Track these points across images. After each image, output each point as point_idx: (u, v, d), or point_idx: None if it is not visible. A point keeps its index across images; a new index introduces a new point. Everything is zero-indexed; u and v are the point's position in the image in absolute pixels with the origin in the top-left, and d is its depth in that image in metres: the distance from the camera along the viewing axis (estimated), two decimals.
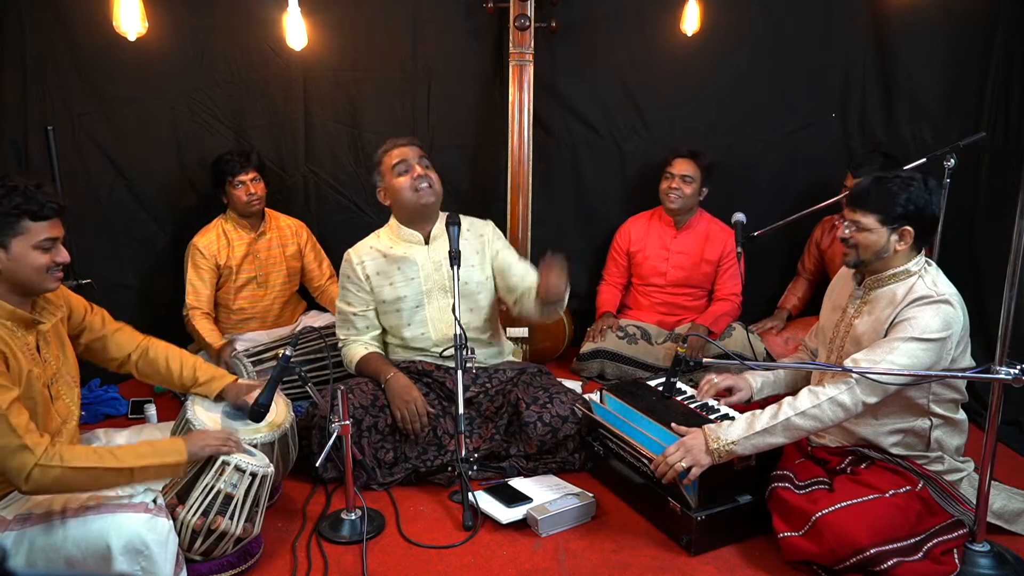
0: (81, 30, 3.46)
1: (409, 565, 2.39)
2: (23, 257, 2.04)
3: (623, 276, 3.96)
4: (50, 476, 1.96)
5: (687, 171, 3.66)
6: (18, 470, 1.94)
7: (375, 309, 3.01)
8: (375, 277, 2.96)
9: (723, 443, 2.33)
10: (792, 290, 3.92)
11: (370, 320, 3.01)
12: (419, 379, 2.97)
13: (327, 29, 3.66)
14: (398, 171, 2.92)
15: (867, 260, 2.40)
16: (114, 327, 2.47)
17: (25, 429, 1.95)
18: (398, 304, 2.96)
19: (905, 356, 2.25)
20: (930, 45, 3.72)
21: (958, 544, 2.29)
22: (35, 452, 1.94)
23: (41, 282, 2.09)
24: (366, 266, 2.97)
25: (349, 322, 3.02)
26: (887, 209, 2.33)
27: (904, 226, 2.33)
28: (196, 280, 3.48)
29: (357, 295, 2.99)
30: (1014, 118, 3.52)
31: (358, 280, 2.97)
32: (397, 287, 2.95)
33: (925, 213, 2.32)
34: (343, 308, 3.03)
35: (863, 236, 2.37)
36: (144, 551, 1.99)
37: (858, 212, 2.38)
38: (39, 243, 2.05)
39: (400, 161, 2.92)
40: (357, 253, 3.01)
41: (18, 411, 1.96)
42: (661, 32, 3.82)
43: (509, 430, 2.89)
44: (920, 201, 2.32)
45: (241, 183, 3.43)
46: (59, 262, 2.10)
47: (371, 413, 2.79)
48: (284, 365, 2.45)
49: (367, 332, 3.03)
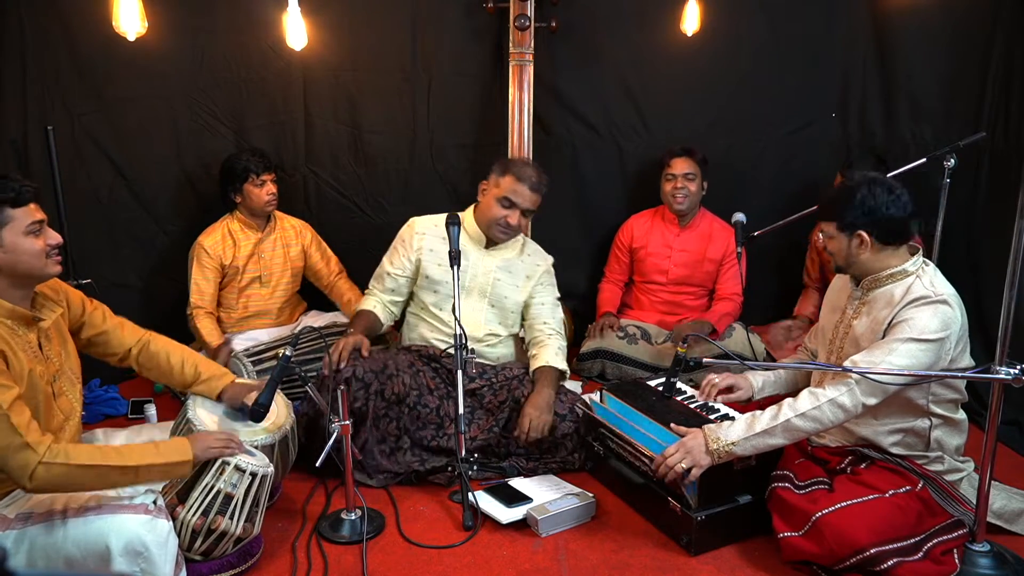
0: (81, 30, 3.46)
1: (409, 565, 2.39)
2: (17, 245, 2.04)
3: (624, 274, 3.96)
4: (54, 474, 1.96)
5: (688, 169, 3.67)
6: (22, 468, 1.94)
7: (411, 280, 3.08)
8: (427, 253, 3.04)
9: (723, 444, 2.33)
10: (805, 299, 3.87)
11: (399, 284, 3.09)
12: (428, 363, 2.98)
13: (327, 29, 3.66)
14: (503, 203, 2.95)
15: (842, 266, 2.46)
16: (115, 321, 2.47)
17: (27, 427, 1.95)
18: (438, 286, 3.03)
19: (904, 357, 2.25)
20: (930, 45, 3.72)
21: (958, 544, 2.29)
22: (38, 450, 1.94)
23: (43, 267, 2.10)
24: (424, 239, 3.06)
25: (380, 278, 3.12)
26: (840, 216, 2.38)
27: (858, 231, 2.35)
28: (201, 279, 3.49)
29: (401, 259, 3.07)
30: (1014, 118, 3.52)
31: (409, 246, 3.06)
32: (445, 270, 3.00)
33: (876, 215, 2.33)
34: (383, 264, 3.13)
35: (831, 244, 2.45)
36: (143, 552, 1.99)
37: (823, 221, 2.46)
38: (28, 228, 2.06)
39: (513, 200, 2.94)
40: (422, 223, 3.10)
41: (20, 409, 1.96)
42: (661, 32, 3.82)
43: (508, 426, 2.89)
44: (868, 204, 2.33)
45: (263, 182, 3.48)
46: (53, 244, 2.11)
47: (379, 379, 2.80)
48: (284, 365, 2.45)
49: (389, 294, 3.11)
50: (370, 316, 3.08)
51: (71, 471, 1.97)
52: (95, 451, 2.05)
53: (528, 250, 3.15)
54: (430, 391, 2.90)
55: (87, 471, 1.99)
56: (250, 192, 3.48)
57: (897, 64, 3.78)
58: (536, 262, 3.14)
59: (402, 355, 2.97)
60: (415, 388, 2.86)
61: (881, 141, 3.84)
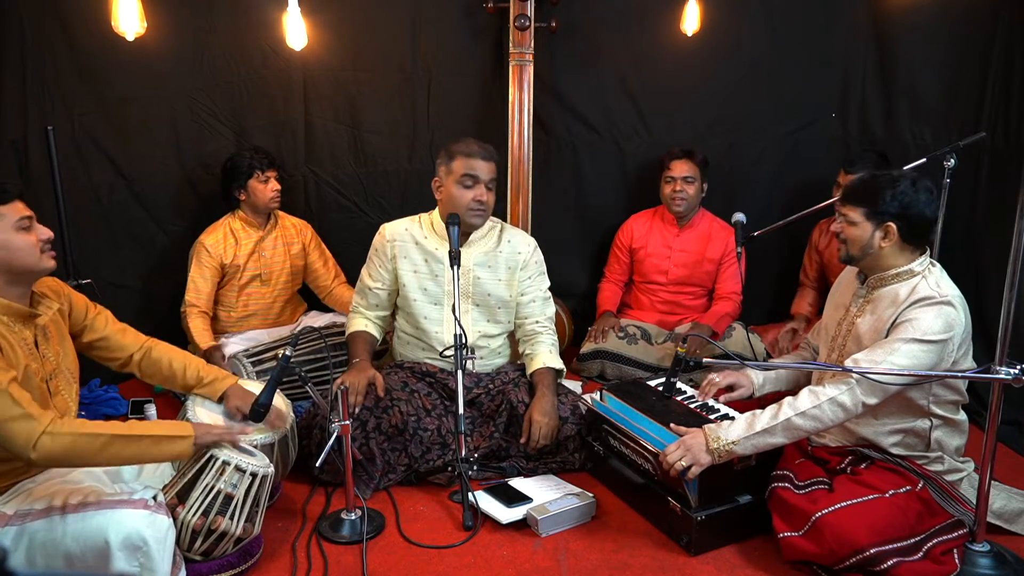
0: (81, 30, 3.45)
1: (409, 565, 2.39)
2: (9, 241, 2.07)
3: (624, 274, 3.96)
4: (60, 443, 1.97)
5: (687, 172, 3.67)
6: (25, 439, 1.95)
7: (394, 292, 3.04)
8: (402, 260, 2.99)
9: (723, 443, 2.33)
10: (801, 298, 3.87)
11: (381, 299, 3.05)
12: (422, 379, 2.97)
13: (327, 29, 3.66)
14: (464, 183, 2.88)
15: (855, 256, 2.42)
16: (117, 327, 2.48)
17: (28, 402, 1.97)
18: (416, 294, 2.98)
19: (906, 357, 2.25)
20: (930, 45, 3.71)
21: (958, 544, 2.29)
22: (41, 421, 1.96)
23: (38, 262, 2.12)
24: (396, 246, 3.00)
25: (363, 293, 3.08)
26: (872, 204, 2.36)
27: (887, 222, 2.34)
28: (199, 277, 3.49)
29: (379, 270, 3.03)
30: (1014, 118, 3.51)
31: (384, 256, 3.01)
32: (421, 278, 2.98)
33: (910, 211, 2.33)
34: (363, 277, 3.09)
35: (851, 230, 2.41)
36: (143, 547, 1.99)
37: (847, 206, 2.42)
38: (17, 223, 2.08)
39: (471, 174, 2.88)
40: (391, 230, 3.03)
41: (19, 388, 1.98)
42: (661, 32, 3.82)
43: (509, 429, 2.89)
44: (905, 199, 2.33)
45: (268, 179, 3.50)
46: (44, 238, 2.13)
47: (375, 415, 2.79)
48: (284, 365, 2.45)
49: (375, 309, 3.08)
50: (366, 337, 3.04)
51: (77, 440, 1.99)
52: (99, 423, 2.08)
53: (507, 237, 3.04)
54: (427, 412, 2.86)
55: (92, 440, 2.01)
56: (255, 189, 3.48)
57: (897, 64, 3.77)
58: (517, 249, 3.04)
59: (394, 375, 2.94)
60: (412, 413, 2.83)
61: (881, 141, 3.84)
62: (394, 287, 3.03)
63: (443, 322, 2.98)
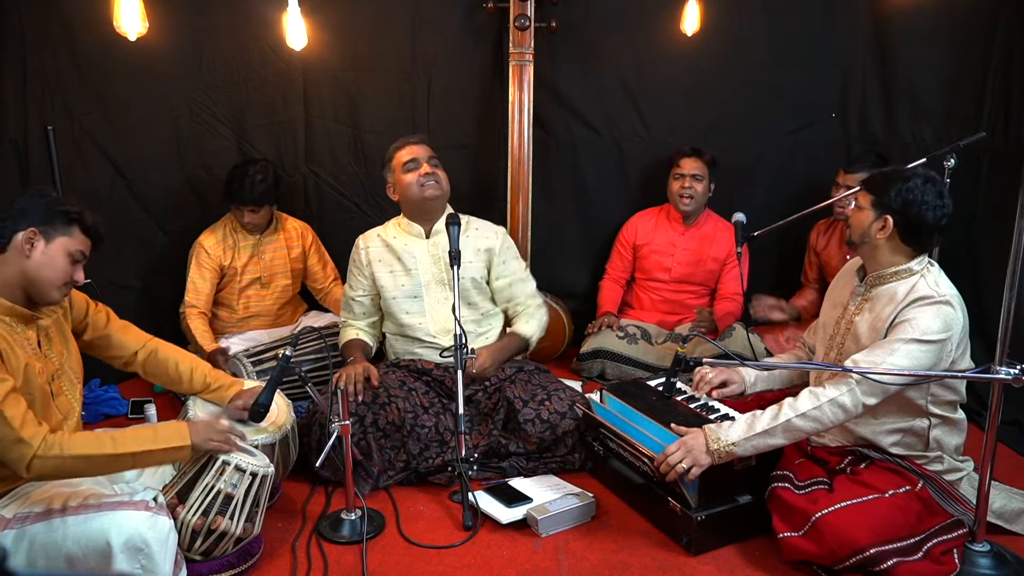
0: (81, 30, 3.46)
1: (409, 565, 2.39)
2: (54, 258, 2.11)
3: (627, 271, 3.96)
4: (49, 465, 1.99)
5: (696, 170, 3.68)
6: (17, 461, 1.98)
7: (376, 296, 3.12)
8: (376, 264, 3.09)
9: (723, 444, 2.33)
10: (800, 296, 3.86)
11: (367, 307, 3.16)
12: (419, 377, 2.98)
13: (327, 29, 3.66)
14: (407, 168, 3.05)
15: (855, 241, 2.45)
16: (118, 324, 2.48)
17: (22, 421, 1.97)
18: (395, 292, 3.07)
19: (905, 357, 2.25)
20: (930, 45, 3.71)
21: (958, 544, 2.29)
22: (32, 444, 1.96)
23: (49, 291, 2.13)
24: (370, 252, 3.12)
25: (349, 306, 3.18)
26: (879, 193, 2.38)
27: (887, 215, 2.35)
28: (198, 278, 3.49)
29: (358, 279, 3.13)
30: (1014, 118, 3.51)
31: (360, 264, 3.13)
32: (396, 275, 3.07)
33: (910, 210, 2.33)
34: (347, 291, 3.19)
35: (856, 214, 2.44)
36: (144, 549, 1.98)
37: (863, 190, 2.46)
38: (74, 251, 2.14)
39: (411, 159, 3.05)
40: (365, 239, 3.17)
41: (15, 402, 1.97)
42: (661, 32, 3.82)
43: (508, 426, 2.89)
44: (910, 196, 2.33)
45: (251, 211, 3.47)
46: (76, 279, 2.17)
47: (372, 410, 2.80)
48: (284, 365, 2.46)
49: (363, 319, 3.18)
50: (359, 342, 3.12)
51: (65, 462, 2.00)
52: (91, 439, 2.06)
53: (473, 226, 3.13)
54: (424, 409, 2.88)
55: (81, 461, 2.02)
56: (236, 212, 3.51)
57: (897, 64, 3.77)
58: (484, 235, 3.13)
59: (391, 374, 2.96)
60: (410, 410, 2.85)
61: (881, 141, 3.84)
62: (374, 291, 3.11)
63: (425, 312, 3.06)
